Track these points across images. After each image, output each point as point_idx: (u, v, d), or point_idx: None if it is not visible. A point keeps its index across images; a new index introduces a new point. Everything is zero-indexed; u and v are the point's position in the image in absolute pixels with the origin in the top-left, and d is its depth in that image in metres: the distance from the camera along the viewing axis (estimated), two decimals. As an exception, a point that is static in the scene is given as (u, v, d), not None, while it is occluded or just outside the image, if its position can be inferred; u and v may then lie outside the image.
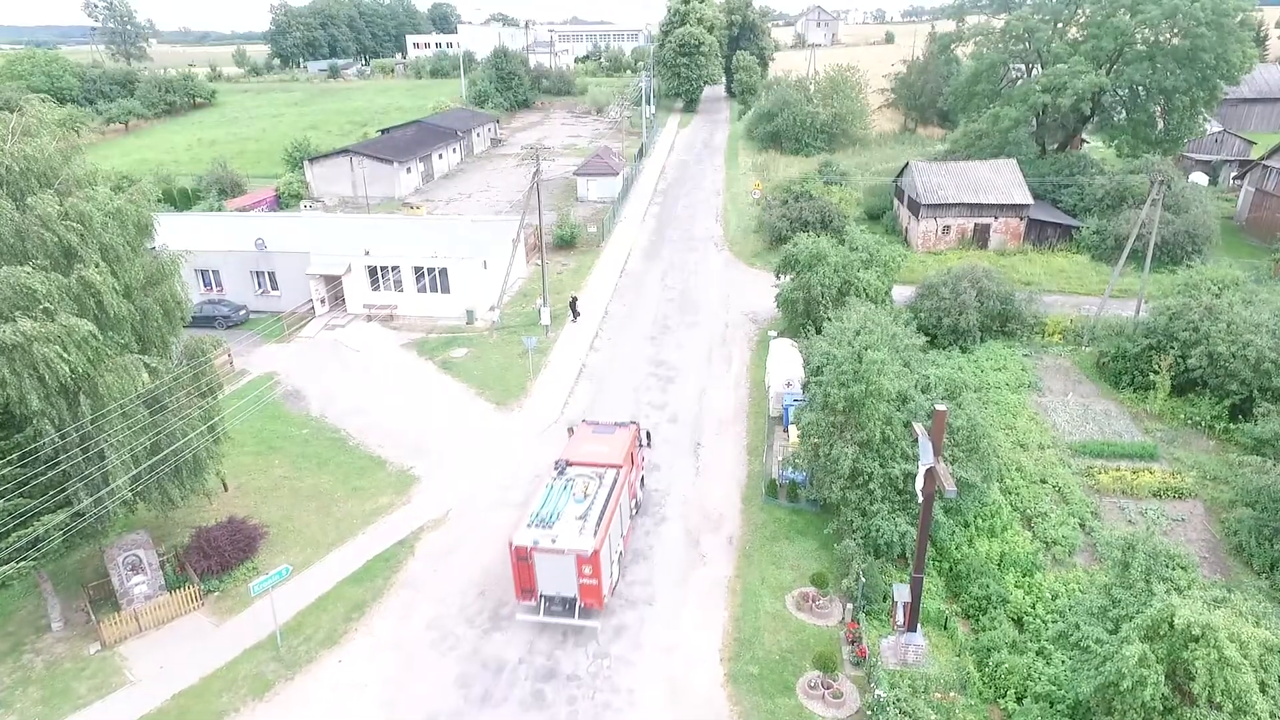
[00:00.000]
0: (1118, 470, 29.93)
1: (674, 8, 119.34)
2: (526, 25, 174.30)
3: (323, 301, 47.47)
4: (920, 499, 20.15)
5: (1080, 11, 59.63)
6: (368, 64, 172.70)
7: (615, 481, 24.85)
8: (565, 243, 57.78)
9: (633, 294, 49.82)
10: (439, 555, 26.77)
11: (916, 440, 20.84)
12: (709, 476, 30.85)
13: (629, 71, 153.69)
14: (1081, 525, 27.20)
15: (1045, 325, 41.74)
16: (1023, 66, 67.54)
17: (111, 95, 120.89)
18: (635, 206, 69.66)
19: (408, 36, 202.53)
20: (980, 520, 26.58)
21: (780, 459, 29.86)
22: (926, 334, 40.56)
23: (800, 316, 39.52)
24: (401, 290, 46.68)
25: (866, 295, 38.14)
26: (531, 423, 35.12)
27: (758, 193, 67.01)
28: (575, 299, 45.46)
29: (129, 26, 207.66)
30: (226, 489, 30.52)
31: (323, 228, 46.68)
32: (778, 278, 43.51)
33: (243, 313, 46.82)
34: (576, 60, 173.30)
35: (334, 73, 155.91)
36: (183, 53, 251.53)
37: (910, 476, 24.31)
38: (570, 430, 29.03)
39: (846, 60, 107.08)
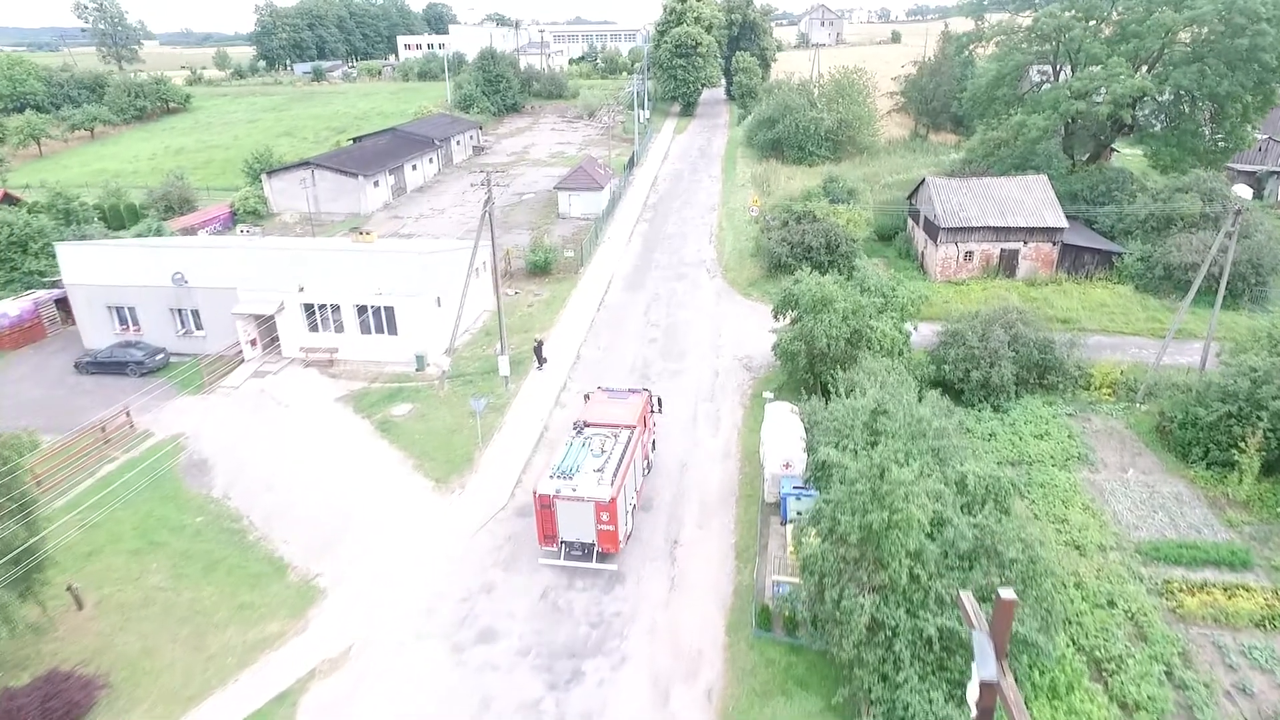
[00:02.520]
0: (1205, 589, 23.55)
1: (670, 6, 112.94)
2: (516, 25, 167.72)
3: (253, 344, 41.33)
4: (974, 713, 13.83)
5: (1115, 8, 53.15)
6: (353, 66, 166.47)
7: (630, 440, 26.73)
8: (539, 269, 51.57)
9: (610, 333, 43.53)
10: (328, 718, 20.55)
11: (956, 581, 14.78)
12: (686, 592, 24.55)
13: (625, 73, 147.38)
14: (1168, 673, 20.90)
15: (1091, 377, 35.40)
16: (1049, 69, 61.26)
17: (79, 100, 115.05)
18: (621, 224, 63.39)
19: (399, 37, 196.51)
20: (1038, 673, 20.25)
21: (774, 579, 23.54)
22: (951, 389, 34.40)
23: (802, 371, 33.27)
24: (343, 331, 40.53)
25: (881, 347, 31.85)
26: (473, 509, 28.83)
27: (755, 209, 60.70)
28: (540, 343, 39.21)
29: (120, 28, 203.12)
30: (81, 607, 24.39)
31: (253, 259, 40.54)
32: (776, 318, 37.28)
33: (160, 357, 40.69)
34: (571, 61, 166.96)
35: (318, 75, 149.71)
36: (178, 54, 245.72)
37: (949, 633, 18.05)
38: (586, 396, 30.97)
39: (852, 61, 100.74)
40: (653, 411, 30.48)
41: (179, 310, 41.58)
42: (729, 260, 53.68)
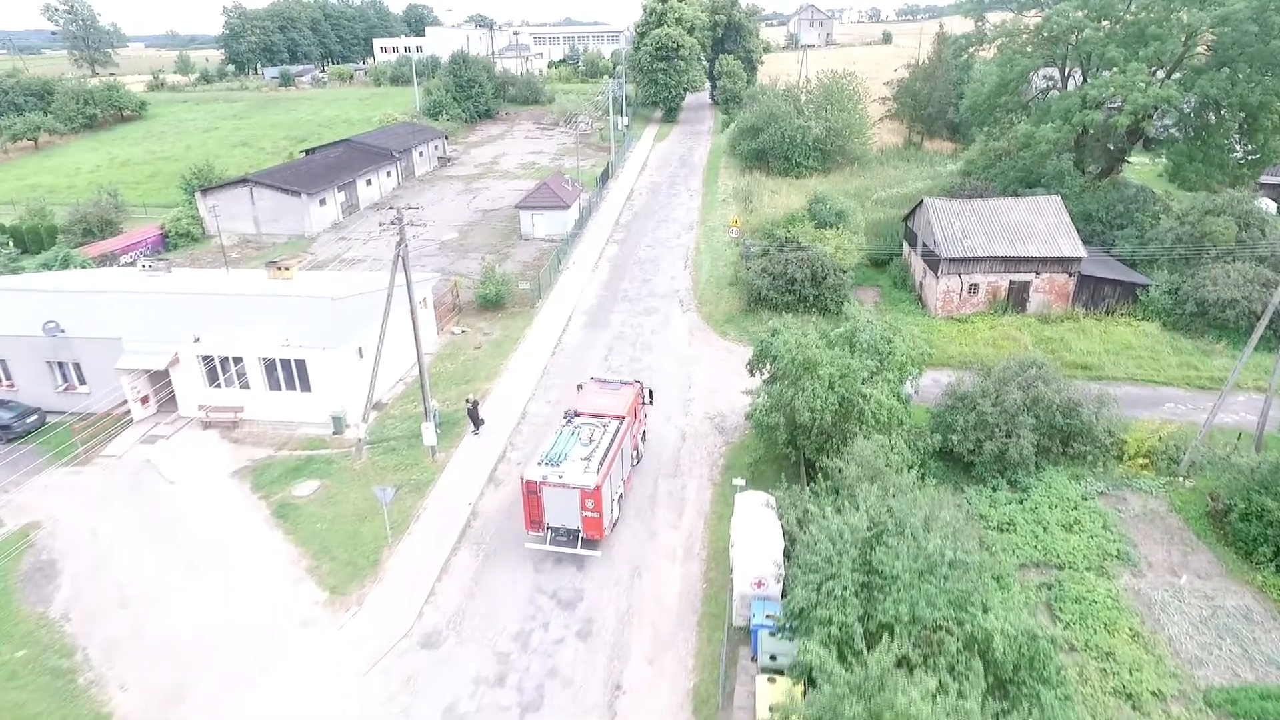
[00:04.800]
0: (1305, 769, 18.02)
1: (650, 7, 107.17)
2: (492, 27, 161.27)
3: (144, 402, 35.44)
4: None
5: (1131, 7, 47.64)
6: (323, 70, 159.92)
7: (618, 430, 27.08)
8: (490, 303, 45.72)
9: (565, 383, 37.69)
10: None
11: None
12: (625, 771, 18.87)
13: (607, 76, 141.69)
14: None
15: (1125, 444, 29.84)
16: (1055, 74, 55.87)
17: (25, 108, 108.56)
18: (590, 246, 57.67)
19: (375, 40, 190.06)
20: None
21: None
22: (959, 459, 28.92)
23: (782, 446, 27.59)
24: (248, 388, 34.69)
25: (875, 420, 26.18)
26: (369, 636, 23.00)
27: (735, 231, 55.08)
28: (475, 404, 33.32)
29: (92, 31, 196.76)
30: None
31: (139, 305, 34.69)
32: (751, 373, 31.68)
33: (33, 419, 34.76)
34: (550, 64, 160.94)
35: (286, 80, 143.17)
36: (160, 57, 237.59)
37: None
38: (579, 386, 31.43)
39: (841, 62, 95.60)
40: (643, 403, 30.82)
41: (58, 363, 35.70)
42: (705, 291, 47.97)
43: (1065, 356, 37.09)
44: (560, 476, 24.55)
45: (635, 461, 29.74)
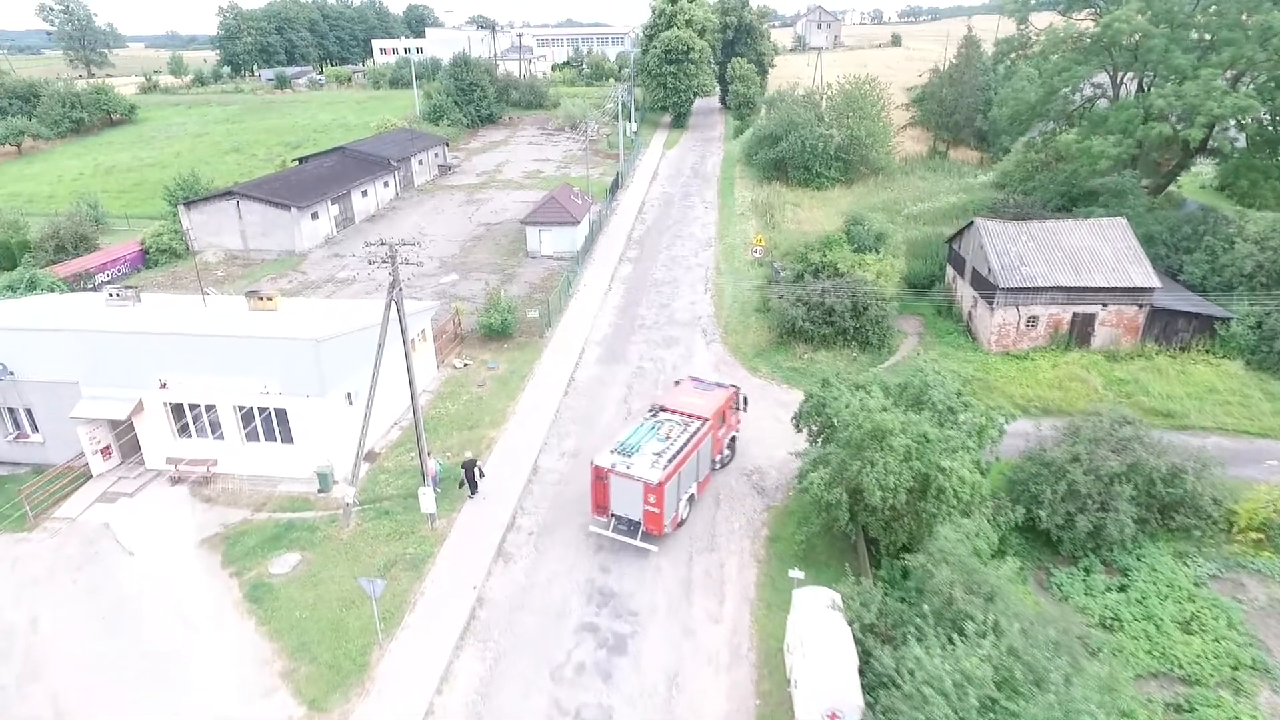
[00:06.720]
0: None
1: (659, 9, 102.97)
2: (494, 28, 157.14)
3: (105, 454, 31.30)
4: None
5: (1199, 10, 43.52)
6: (321, 73, 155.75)
7: (698, 431, 26.93)
8: (496, 333, 41.59)
9: (580, 430, 33.60)
10: None
11: None
12: None
13: (612, 80, 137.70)
14: None
15: (1236, 515, 25.75)
16: (1105, 81, 51.78)
17: (9, 111, 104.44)
18: (601, 265, 53.56)
19: (374, 41, 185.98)
20: None
21: None
22: (1043, 532, 24.90)
23: (844, 525, 23.45)
24: (222, 438, 30.59)
25: (956, 497, 22.06)
26: (352, 776, 18.92)
27: (760, 249, 50.97)
28: (473, 463, 28.95)
29: (88, 32, 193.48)
30: None
31: (104, 343, 30.49)
32: (797, 428, 27.74)
33: (-22, 473, 30.69)
34: (554, 67, 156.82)
35: (281, 83, 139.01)
36: (156, 58, 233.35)
37: None
38: (677, 383, 31.53)
39: (853, 65, 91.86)
40: (735, 409, 30.21)
41: (8, 409, 31.59)
42: (730, 318, 43.80)
43: (1143, 402, 33.03)
44: (628, 467, 24.76)
45: (719, 465, 29.57)
